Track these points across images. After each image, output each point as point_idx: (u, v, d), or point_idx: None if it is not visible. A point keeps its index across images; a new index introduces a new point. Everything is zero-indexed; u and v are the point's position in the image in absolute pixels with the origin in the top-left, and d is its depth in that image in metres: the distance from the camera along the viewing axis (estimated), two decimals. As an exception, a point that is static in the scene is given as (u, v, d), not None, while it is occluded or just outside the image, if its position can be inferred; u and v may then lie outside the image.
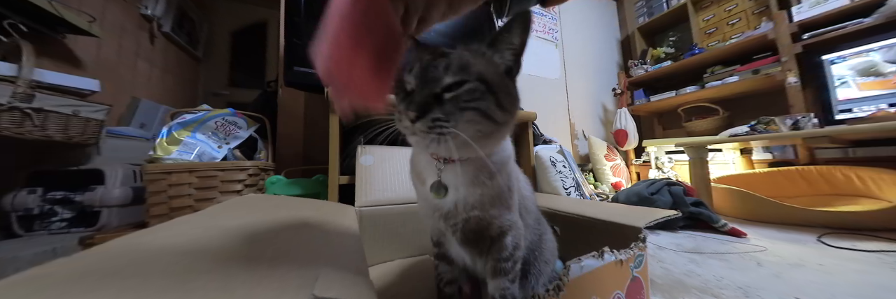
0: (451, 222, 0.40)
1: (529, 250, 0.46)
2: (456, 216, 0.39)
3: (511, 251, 0.40)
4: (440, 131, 0.30)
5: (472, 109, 0.31)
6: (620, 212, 0.62)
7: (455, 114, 0.31)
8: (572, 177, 1.42)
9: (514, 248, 0.40)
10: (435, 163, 0.38)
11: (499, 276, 0.40)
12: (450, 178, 0.38)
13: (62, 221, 0.97)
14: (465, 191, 0.38)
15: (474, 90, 0.31)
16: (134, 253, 0.27)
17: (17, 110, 0.84)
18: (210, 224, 0.38)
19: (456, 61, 0.32)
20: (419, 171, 0.42)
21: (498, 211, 0.39)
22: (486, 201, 0.38)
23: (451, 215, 0.39)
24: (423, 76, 0.32)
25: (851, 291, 0.62)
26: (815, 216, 1.12)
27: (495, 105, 0.32)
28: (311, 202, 0.64)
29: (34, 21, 1.05)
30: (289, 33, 0.94)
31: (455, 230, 0.40)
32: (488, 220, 0.39)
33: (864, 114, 1.38)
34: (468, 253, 0.43)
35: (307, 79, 0.93)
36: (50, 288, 0.20)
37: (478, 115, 0.32)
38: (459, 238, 0.41)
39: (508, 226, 0.40)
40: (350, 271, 0.27)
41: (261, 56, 2.64)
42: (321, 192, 0.96)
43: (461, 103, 0.31)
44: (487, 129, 0.33)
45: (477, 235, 0.40)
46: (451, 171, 0.37)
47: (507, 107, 0.33)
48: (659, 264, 0.81)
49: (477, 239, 0.41)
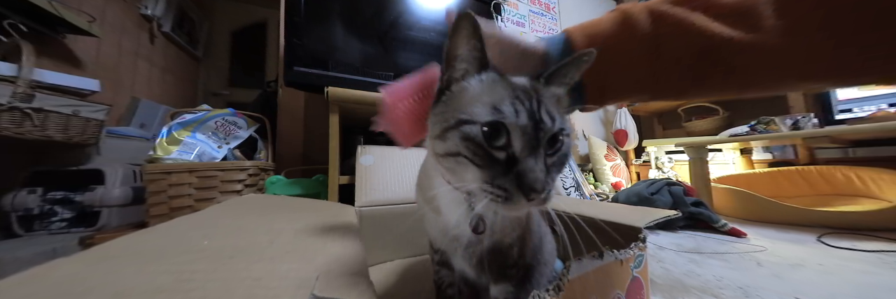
0: (471, 250, 0.38)
1: (531, 254, 0.46)
2: (479, 244, 0.37)
3: (516, 259, 0.40)
4: (547, 202, 0.25)
5: (562, 170, 0.28)
6: (620, 212, 0.62)
7: (556, 178, 0.27)
8: (572, 177, 1.42)
9: (519, 257, 0.40)
10: (464, 196, 0.32)
11: (502, 282, 0.40)
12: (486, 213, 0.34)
13: (62, 221, 0.97)
14: (501, 224, 0.35)
15: (568, 150, 0.28)
16: (134, 253, 0.27)
17: (17, 110, 0.84)
18: (210, 224, 0.38)
19: (555, 110, 0.27)
20: (435, 204, 0.38)
21: (517, 231, 0.38)
22: (508, 226, 0.37)
23: (472, 244, 0.37)
24: (536, 136, 0.25)
25: (851, 291, 0.62)
26: (815, 216, 1.12)
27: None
28: (311, 202, 0.64)
29: (34, 21, 1.05)
30: (289, 33, 0.94)
31: (470, 256, 0.39)
32: (508, 242, 0.38)
33: (864, 114, 1.38)
34: (477, 271, 0.42)
35: (307, 79, 0.93)
36: (49, 289, 0.20)
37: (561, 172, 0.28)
38: (472, 262, 0.39)
39: (520, 242, 0.39)
40: (350, 271, 0.27)
41: (261, 56, 2.63)
42: (321, 192, 0.96)
43: (560, 167, 0.27)
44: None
45: (492, 256, 0.38)
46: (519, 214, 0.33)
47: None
48: (659, 264, 0.81)
49: (491, 261, 0.39)
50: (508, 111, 0.25)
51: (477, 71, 0.29)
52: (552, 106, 0.27)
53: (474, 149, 0.25)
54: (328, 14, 1.01)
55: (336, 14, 1.02)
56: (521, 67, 0.36)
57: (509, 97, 0.26)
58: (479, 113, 0.25)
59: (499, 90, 0.27)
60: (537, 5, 2.16)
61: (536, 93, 0.27)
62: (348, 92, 0.84)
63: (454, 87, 0.30)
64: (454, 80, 0.30)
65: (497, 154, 0.25)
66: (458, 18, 0.26)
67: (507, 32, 0.36)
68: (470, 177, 0.26)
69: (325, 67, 0.96)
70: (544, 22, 2.17)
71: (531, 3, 2.13)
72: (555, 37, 0.38)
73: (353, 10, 1.06)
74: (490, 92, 0.27)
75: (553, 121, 0.26)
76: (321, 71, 0.95)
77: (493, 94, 0.27)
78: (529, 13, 2.10)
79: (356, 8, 1.07)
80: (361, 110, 0.92)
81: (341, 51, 1.02)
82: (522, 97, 0.26)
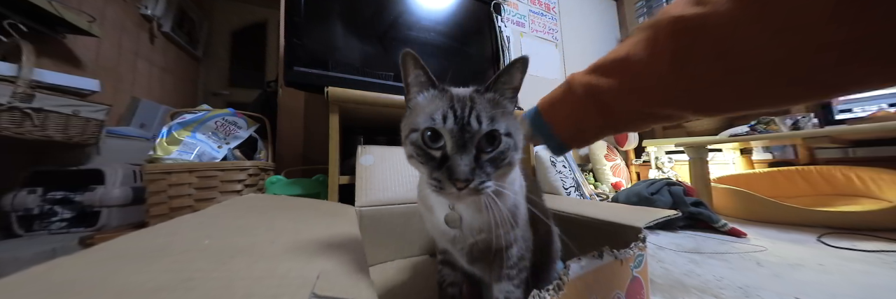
0: (459, 246, 0.41)
1: (538, 256, 0.46)
2: (464, 240, 0.40)
3: (516, 261, 0.41)
4: (485, 192, 0.30)
5: (506, 165, 0.32)
6: (620, 212, 0.62)
7: (493, 172, 0.31)
8: (572, 177, 1.42)
9: (519, 259, 0.41)
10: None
11: (504, 281, 0.40)
12: (461, 208, 0.39)
13: (62, 221, 0.97)
14: (472, 217, 0.39)
15: (506, 148, 0.32)
16: (134, 253, 0.27)
17: (17, 110, 0.84)
18: (210, 224, 0.38)
19: (485, 114, 0.32)
20: (428, 203, 0.42)
21: (503, 229, 0.39)
22: (493, 224, 0.38)
23: (459, 240, 0.41)
24: (461, 137, 0.31)
25: (851, 291, 0.62)
26: (815, 216, 1.12)
27: (515, 151, 0.33)
28: (311, 202, 0.64)
29: (34, 21, 1.05)
30: (289, 33, 0.94)
31: (462, 252, 0.42)
32: (502, 243, 0.39)
33: (865, 114, 1.38)
34: (476, 268, 0.44)
35: (307, 79, 0.93)
36: (49, 289, 0.20)
37: (508, 166, 0.33)
38: (466, 259, 0.42)
39: (513, 241, 0.40)
40: (350, 271, 0.27)
41: (261, 56, 2.63)
42: (321, 192, 0.96)
43: (498, 162, 0.32)
44: (509, 170, 0.34)
45: (483, 254, 0.41)
46: (462, 202, 0.38)
47: (521, 146, 0.35)
48: (659, 264, 0.81)
49: (483, 258, 0.42)
50: (438, 118, 0.31)
51: (424, 90, 0.36)
52: (485, 111, 0.32)
53: (419, 151, 0.33)
54: (328, 14, 1.01)
55: (336, 14, 1.02)
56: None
57: (444, 107, 0.32)
58: (420, 122, 0.32)
59: (437, 103, 0.34)
60: (537, 5, 2.16)
61: (472, 102, 0.33)
62: (348, 92, 0.84)
63: (411, 104, 0.37)
64: (410, 100, 0.37)
65: (434, 153, 0.32)
66: (402, 56, 0.34)
67: None
68: (423, 174, 0.33)
69: (325, 67, 0.96)
70: (544, 22, 2.17)
71: (531, 3, 2.13)
72: (531, 113, 0.47)
73: (353, 10, 1.06)
74: (431, 105, 0.34)
75: (480, 124, 0.31)
76: (321, 71, 0.95)
77: (432, 106, 0.33)
78: (529, 13, 2.10)
79: (356, 8, 1.07)
80: (361, 110, 0.92)
81: (341, 51, 1.02)
82: (457, 106, 0.32)
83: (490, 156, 0.31)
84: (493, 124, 0.31)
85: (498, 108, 0.33)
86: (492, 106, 0.33)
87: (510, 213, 0.39)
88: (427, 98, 0.36)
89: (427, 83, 0.36)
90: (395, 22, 1.14)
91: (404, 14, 1.16)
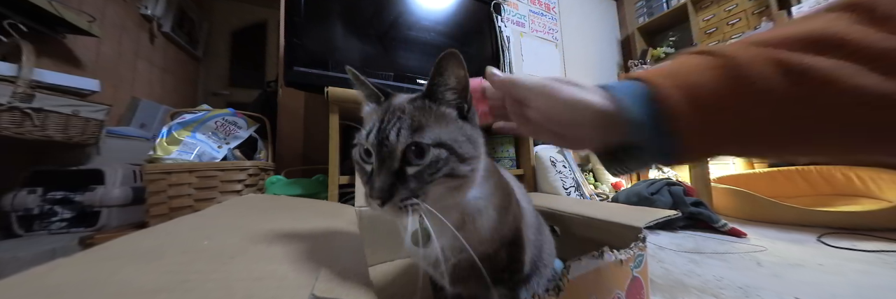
0: (440, 270, 0.35)
1: (531, 260, 0.44)
2: (446, 262, 0.35)
3: (506, 264, 0.38)
4: (410, 209, 0.28)
5: (439, 178, 0.29)
6: (620, 212, 0.62)
7: (422, 187, 0.29)
8: (572, 177, 1.42)
9: (511, 262, 0.39)
10: None
11: (498, 285, 0.39)
12: (429, 225, 0.32)
13: (62, 221, 0.97)
14: (450, 235, 0.33)
15: (437, 160, 0.29)
16: (134, 253, 0.27)
17: (17, 110, 0.84)
18: (210, 224, 0.38)
19: (407, 126, 0.29)
20: (402, 220, 0.36)
21: (488, 245, 0.36)
22: (475, 240, 0.35)
23: (439, 263, 0.35)
24: (379, 152, 0.29)
25: (851, 291, 0.62)
26: (815, 216, 1.12)
27: (459, 162, 0.30)
28: (311, 202, 0.64)
29: (34, 21, 1.05)
30: (289, 33, 0.94)
31: (444, 275, 0.37)
32: (490, 252, 0.37)
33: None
34: (461, 289, 0.40)
35: (307, 79, 0.93)
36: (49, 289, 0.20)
37: (445, 179, 0.29)
38: (450, 281, 0.38)
39: (509, 248, 0.38)
40: (350, 271, 0.27)
41: (261, 56, 2.64)
42: (321, 192, 0.96)
43: (426, 177, 0.29)
44: (456, 183, 0.30)
45: (468, 273, 0.37)
46: (431, 217, 0.31)
47: (471, 156, 0.31)
48: (659, 264, 0.81)
49: (468, 276, 0.37)
50: (363, 134, 0.31)
51: (369, 103, 0.36)
52: (408, 122, 0.29)
53: (357, 166, 0.32)
54: (328, 14, 1.01)
55: (336, 14, 1.02)
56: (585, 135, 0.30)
57: (374, 121, 0.31)
58: (356, 137, 0.32)
59: (372, 116, 0.32)
60: (537, 5, 2.16)
61: (400, 112, 0.30)
62: (348, 92, 0.84)
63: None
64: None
65: (368, 168, 0.31)
66: (351, 74, 0.35)
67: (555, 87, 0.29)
68: None
69: (325, 67, 0.96)
70: (544, 22, 2.17)
71: (531, 3, 2.13)
72: (629, 88, 0.27)
73: (353, 10, 1.06)
74: (368, 119, 0.33)
75: (398, 137, 0.29)
76: (321, 71, 0.95)
77: (369, 121, 0.32)
78: (529, 13, 2.10)
79: (356, 8, 1.07)
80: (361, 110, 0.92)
81: (341, 51, 1.02)
82: (385, 119, 0.30)
83: (415, 170, 0.29)
84: (416, 136, 0.29)
85: (429, 116, 0.31)
86: (422, 114, 0.31)
87: (493, 225, 0.35)
88: (368, 112, 0.36)
89: (372, 96, 0.35)
90: (395, 22, 1.14)
91: (404, 14, 1.16)
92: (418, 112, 0.31)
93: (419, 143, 0.29)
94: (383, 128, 0.29)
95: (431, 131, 0.30)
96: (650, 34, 2.67)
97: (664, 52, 2.42)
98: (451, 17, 1.27)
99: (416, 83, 1.10)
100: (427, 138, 0.29)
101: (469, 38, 1.34)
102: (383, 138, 0.29)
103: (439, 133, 0.30)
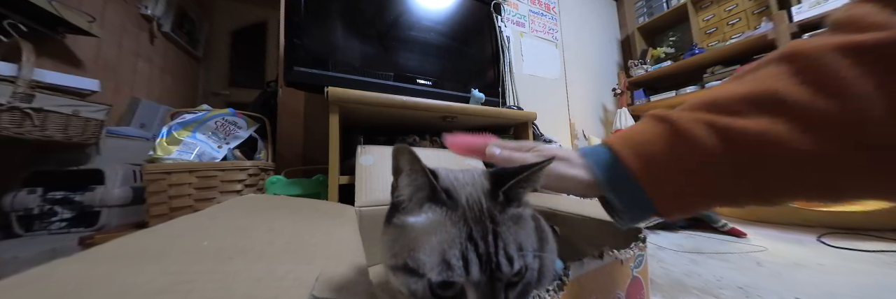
0: None
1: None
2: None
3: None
4: None
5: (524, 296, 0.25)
6: (620, 212, 0.62)
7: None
8: (572, 177, 1.42)
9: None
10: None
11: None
12: None
13: (62, 221, 0.97)
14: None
15: (531, 280, 0.25)
16: (134, 253, 0.27)
17: (17, 110, 0.84)
18: (210, 224, 0.38)
19: (513, 244, 0.23)
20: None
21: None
22: None
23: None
24: (491, 287, 0.22)
25: (851, 291, 0.62)
26: (815, 216, 1.12)
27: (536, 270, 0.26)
28: (311, 202, 0.64)
29: (34, 21, 1.05)
30: (289, 33, 0.94)
31: None
32: None
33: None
34: None
35: (307, 79, 0.93)
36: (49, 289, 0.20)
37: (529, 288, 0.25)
38: None
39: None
40: (350, 271, 0.27)
41: (261, 56, 2.63)
42: (321, 192, 0.96)
43: (522, 297, 0.24)
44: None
45: None
46: None
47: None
48: (659, 264, 0.81)
49: None
50: (458, 265, 0.21)
51: (423, 203, 0.25)
52: (510, 238, 0.23)
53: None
54: (328, 14, 1.01)
55: (336, 14, 1.02)
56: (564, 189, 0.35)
57: (460, 240, 0.22)
58: (425, 263, 0.22)
59: (446, 230, 0.23)
60: (537, 5, 2.16)
61: (493, 224, 0.23)
62: (348, 92, 0.84)
63: (398, 220, 0.26)
64: (398, 210, 0.27)
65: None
66: (395, 150, 0.25)
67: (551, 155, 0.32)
68: None
69: (325, 67, 0.96)
70: (544, 22, 2.17)
71: (531, 3, 2.12)
72: (598, 156, 0.32)
73: (353, 10, 1.06)
74: (436, 233, 0.23)
75: (511, 265, 0.22)
76: (321, 71, 0.95)
77: (439, 237, 0.23)
78: (529, 13, 2.09)
79: (356, 8, 1.07)
80: (361, 110, 0.92)
81: (341, 51, 1.02)
82: (476, 236, 0.22)
83: (513, 295, 0.24)
84: (524, 256, 0.23)
85: (521, 227, 0.25)
86: (516, 224, 0.24)
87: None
88: (429, 220, 0.24)
89: (428, 195, 0.25)
90: (396, 22, 1.14)
91: (404, 14, 1.16)
92: (512, 221, 0.24)
93: (525, 267, 0.24)
94: (486, 251, 0.22)
95: (527, 250, 0.24)
96: (650, 34, 2.67)
97: (664, 52, 2.42)
98: (451, 16, 1.27)
99: (416, 83, 1.10)
100: (529, 256, 0.24)
101: (469, 37, 1.34)
102: (495, 269, 0.22)
103: (527, 254, 0.24)
